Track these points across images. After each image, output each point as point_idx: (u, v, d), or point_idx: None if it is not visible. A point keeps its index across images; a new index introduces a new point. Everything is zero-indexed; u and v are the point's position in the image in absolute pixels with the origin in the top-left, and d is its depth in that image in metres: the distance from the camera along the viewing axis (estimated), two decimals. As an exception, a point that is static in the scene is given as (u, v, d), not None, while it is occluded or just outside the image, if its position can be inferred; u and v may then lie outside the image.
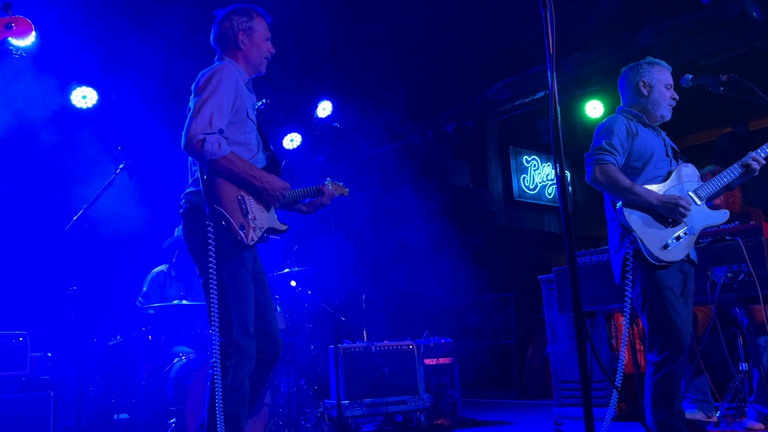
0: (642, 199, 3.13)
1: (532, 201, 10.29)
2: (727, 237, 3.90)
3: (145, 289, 5.20)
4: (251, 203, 2.94)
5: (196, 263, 2.92)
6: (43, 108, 5.97)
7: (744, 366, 4.28)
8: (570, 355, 5.18)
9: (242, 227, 2.84)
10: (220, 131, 2.86)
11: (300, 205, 3.36)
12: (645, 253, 3.08)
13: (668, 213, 3.14)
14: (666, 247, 3.10)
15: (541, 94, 7.23)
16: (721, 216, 3.31)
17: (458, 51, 6.26)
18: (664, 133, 3.44)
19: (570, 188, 10.23)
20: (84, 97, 6.30)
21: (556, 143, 2.16)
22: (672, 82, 3.39)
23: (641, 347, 5.27)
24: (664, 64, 3.41)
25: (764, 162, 3.35)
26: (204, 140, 2.79)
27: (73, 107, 6.25)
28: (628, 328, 3.18)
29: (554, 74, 2.11)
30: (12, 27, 2.23)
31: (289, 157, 7.20)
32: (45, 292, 5.29)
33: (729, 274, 3.80)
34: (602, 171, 3.17)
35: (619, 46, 6.05)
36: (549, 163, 10.56)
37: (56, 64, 5.81)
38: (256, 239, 2.90)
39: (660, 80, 3.36)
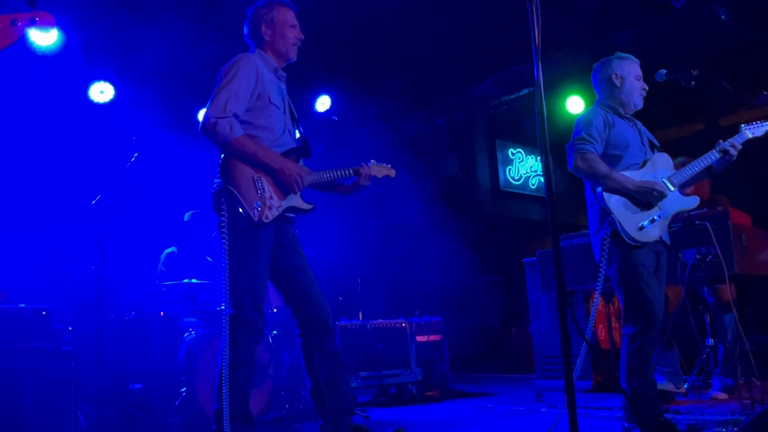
0: (620, 184, 3.16)
1: (517, 191, 10.31)
2: (697, 222, 3.92)
3: (160, 266, 5.21)
4: (268, 183, 2.90)
5: (222, 239, 2.87)
6: (65, 101, 5.97)
7: (710, 341, 4.33)
8: (551, 331, 5.21)
9: (256, 206, 2.81)
10: (235, 115, 2.84)
11: (340, 187, 3.27)
12: (622, 233, 3.11)
13: (644, 197, 3.17)
14: (641, 228, 3.13)
15: (525, 90, 7.22)
16: (692, 201, 3.34)
17: (450, 48, 6.24)
18: (639, 124, 3.46)
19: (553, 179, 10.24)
20: (102, 92, 6.30)
21: (542, 129, 2.17)
22: (641, 74, 3.42)
23: (617, 325, 5.31)
24: (632, 57, 3.43)
25: (740, 147, 3.38)
26: (216, 123, 2.79)
27: (91, 101, 6.25)
28: (599, 304, 3.21)
29: (540, 65, 2.11)
30: (36, 21, 2.21)
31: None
32: (67, 270, 5.30)
33: (698, 256, 3.83)
34: (583, 159, 3.20)
35: (597, 46, 6.05)
36: (533, 156, 10.57)
37: (76, 61, 5.77)
38: (271, 217, 2.85)
39: (630, 72, 3.38)
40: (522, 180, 10.38)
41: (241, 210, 2.79)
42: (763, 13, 5.53)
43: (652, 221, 3.16)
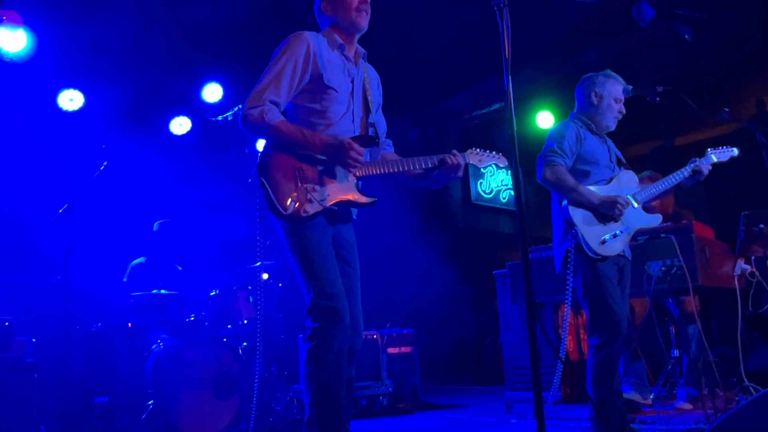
0: (585, 198, 3.22)
1: (488, 204, 10.40)
2: (662, 234, 4.00)
3: (125, 279, 5.12)
4: (312, 174, 2.59)
5: (260, 236, 2.72)
6: (33, 109, 5.86)
7: (675, 352, 4.40)
8: (521, 343, 5.24)
9: (294, 200, 2.54)
10: (274, 102, 2.59)
11: (425, 178, 2.86)
12: (585, 246, 3.17)
13: (607, 211, 3.23)
14: (603, 242, 3.20)
15: (496, 105, 7.32)
16: (655, 219, 3.43)
17: (422, 63, 6.29)
18: (609, 141, 3.53)
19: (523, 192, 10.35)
20: (71, 99, 6.20)
21: (512, 143, 2.19)
22: (622, 97, 3.44)
23: (585, 336, 5.37)
24: (620, 79, 3.47)
25: (710, 168, 3.50)
26: (247, 115, 2.57)
27: (60, 109, 6.15)
28: (569, 315, 3.26)
29: (510, 77, 2.14)
30: (2, 19, 2.17)
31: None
32: (31, 279, 5.17)
33: (663, 268, 3.90)
34: (552, 171, 3.25)
35: (566, 63, 6.17)
36: (504, 170, 10.68)
37: (45, 68, 5.68)
38: (312, 212, 2.54)
39: (611, 93, 3.42)
40: (493, 193, 10.48)
41: (276, 203, 2.53)
42: (724, 33, 5.71)
43: (615, 236, 3.23)
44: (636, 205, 3.34)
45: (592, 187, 3.29)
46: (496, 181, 10.55)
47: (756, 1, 5.45)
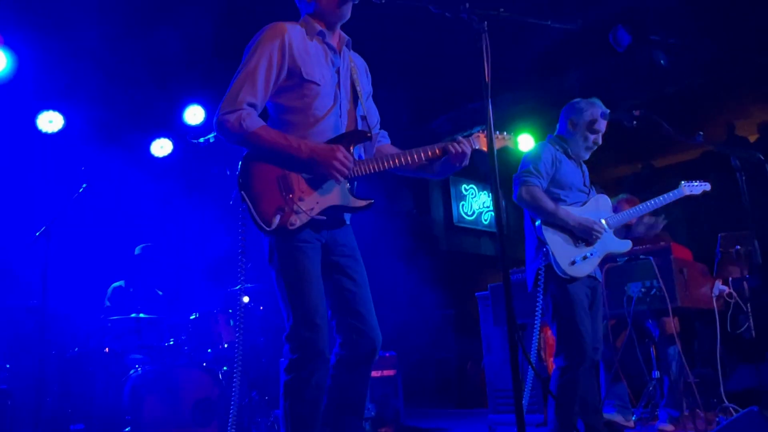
0: (561, 219, 3.26)
1: (470, 226, 10.44)
2: (641, 256, 4.04)
3: (106, 301, 5.05)
4: (297, 182, 2.37)
5: (241, 253, 2.49)
6: (12, 131, 5.80)
7: (656, 374, 4.42)
8: (503, 365, 5.22)
9: (279, 210, 2.33)
10: (251, 105, 2.36)
11: (427, 167, 2.63)
12: (555, 267, 3.21)
13: (583, 234, 3.28)
14: (573, 263, 3.24)
15: (477, 128, 7.36)
16: (625, 245, 3.48)
17: (404, 86, 6.36)
18: (584, 166, 3.58)
19: (504, 214, 10.43)
20: (50, 121, 6.14)
21: (492, 166, 2.21)
22: (601, 129, 3.46)
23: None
24: (602, 109, 3.47)
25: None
26: (223, 121, 2.34)
27: (39, 131, 6.09)
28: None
29: (490, 100, 2.16)
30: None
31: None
32: (6, 304, 5.06)
33: (642, 290, 3.94)
34: (528, 191, 3.29)
35: (545, 87, 6.28)
36: (485, 192, 10.75)
37: (25, 90, 5.64)
38: (299, 224, 2.34)
39: (587, 124, 3.45)
40: (475, 215, 10.53)
41: (259, 217, 2.32)
42: (699, 58, 5.85)
43: (584, 258, 3.27)
44: (608, 229, 3.40)
45: (568, 209, 3.33)
46: (477, 203, 10.61)
47: (725, 28, 5.60)
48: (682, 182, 3.70)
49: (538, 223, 3.28)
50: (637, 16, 5.59)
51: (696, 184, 3.71)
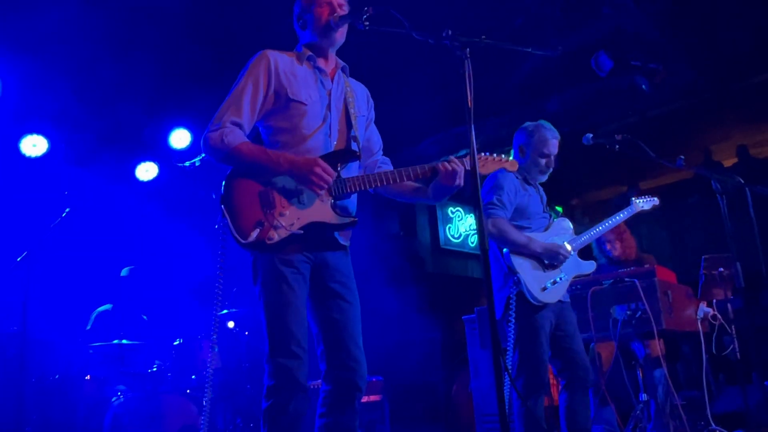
0: (527, 248, 3.30)
1: (457, 249, 10.45)
2: (626, 279, 4.06)
3: (89, 327, 4.97)
4: (278, 197, 2.39)
5: (219, 269, 2.49)
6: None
7: (643, 396, 4.41)
8: (491, 389, 5.19)
9: (258, 225, 2.34)
10: (236, 124, 2.43)
11: (420, 190, 2.62)
12: (527, 294, 3.24)
13: (550, 259, 3.33)
14: (544, 289, 3.26)
15: (463, 151, 7.43)
16: (589, 266, 3.55)
17: (390, 108, 6.42)
18: (541, 190, 3.64)
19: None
20: (34, 145, 6.09)
21: (476, 189, 2.22)
22: (550, 151, 3.48)
23: (554, 381, 5.36)
24: (550, 131, 3.51)
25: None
26: (207, 138, 2.42)
27: (22, 155, 6.04)
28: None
29: (473, 125, 2.18)
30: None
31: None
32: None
33: (628, 312, 3.94)
34: (494, 224, 3.31)
35: (529, 111, 6.34)
36: (472, 214, 10.79)
37: (7, 113, 5.61)
38: (277, 238, 2.33)
39: (537, 149, 3.49)
40: (461, 238, 10.55)
41: (238, 231, 2.34)
42: (678, 83, 5.96)
43: (554, 283, 3.30)
44: (571, 252, 3.43)
45: (532, 235, 3.37)
46: (464, 225, 10.64)
47: (703, 54, 5.72)
48: (632, 198, 3.88)
49: (506, 250, 3.32)
50: (619, 43, 5.70)
51: (646, 198, 3.88)
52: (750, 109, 7.33)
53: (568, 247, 3.41)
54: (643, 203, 3.87)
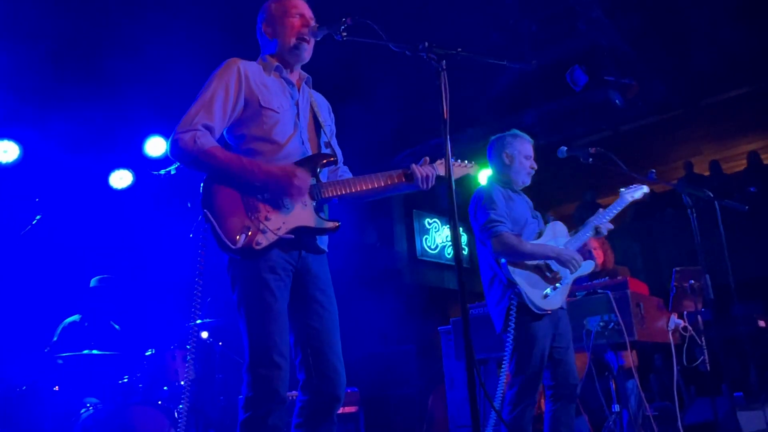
0: (540, 254, 3.29)
1: (434, 260, 10.47)
2: (599, 290, 4.09)
3: (55, 338, 4.86)
4: (262, 203, 2.33)
5: (198, 276, 2.41)
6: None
7: (616, 407, 4.44)
8: (466, 400, 5.18)
9: (244, 229, 2.28)
10: (207, 127, 2.37)
11: (389, 191, 2.64)
12: (529, 303, 3.21)
13: (564, 264, 3.30)
14: (545, 297, 3.25)
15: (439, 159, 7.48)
16: (588, 266, 3.52)
17: (367, 120, 6.44)
18: (525, 196, 3.66)
19: (466, 248, 10.51)
20: (5, 151, 5.97)
21: (451, 201, 2.23)
22: (531, 153, 3.57)
23: (540, 389, 5.37)
24: (526, 136, 3.61)
25: (610, 225, 3.65)
26: (177, 139, 2.34)
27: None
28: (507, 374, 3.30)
29: (448, 137, 2.19)
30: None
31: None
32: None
33: (601, 323, 3.97)
34: (500, 241, 3.27)
35: (506, 123, 6.41)
36: (448, 226, 10.83)
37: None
38: (265, 243, 2.28)
39: (521, 151, 3.54)
40: (438, 249, 10.58)
41: (222, 237, 2.26)
42: (651, 98, 6.08)
43: (555, 288, 3.29)
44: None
45: (537, 242, 3.37)
46: (441, 236, 10.68)
47: (674, 71, 5.85)
48: (621, 189, 3.78)
49: (503, 261, 3.27)
50: (594, 58, 5.79)
51: (634, 187, 3.78)
52: (720, 125, 7.51)
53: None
54: (632, 193, 3.77)
